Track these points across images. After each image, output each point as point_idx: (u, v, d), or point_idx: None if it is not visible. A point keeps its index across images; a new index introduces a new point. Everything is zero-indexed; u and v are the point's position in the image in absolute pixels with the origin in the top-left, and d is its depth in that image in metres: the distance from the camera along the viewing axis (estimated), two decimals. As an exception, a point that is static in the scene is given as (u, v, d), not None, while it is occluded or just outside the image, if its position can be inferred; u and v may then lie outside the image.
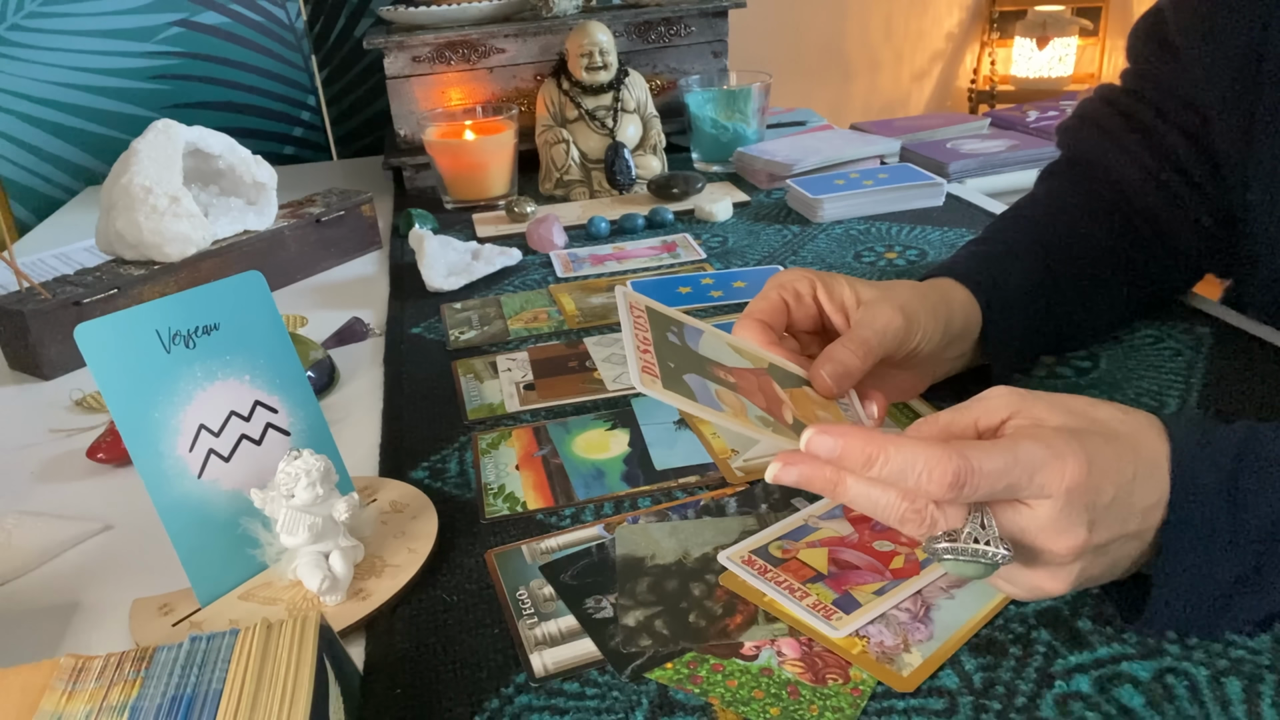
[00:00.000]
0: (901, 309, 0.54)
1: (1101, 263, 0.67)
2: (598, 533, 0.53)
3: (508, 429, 0.65)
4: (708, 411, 0.45)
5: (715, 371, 0.49)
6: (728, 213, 1.05)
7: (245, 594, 0.50)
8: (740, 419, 0.46)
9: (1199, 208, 0.69)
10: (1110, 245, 0.68)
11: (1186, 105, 0.69)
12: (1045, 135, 1.31)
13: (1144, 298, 0.71)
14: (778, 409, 0.48)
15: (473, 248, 0.96)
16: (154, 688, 0.38)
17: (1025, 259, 0.64)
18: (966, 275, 0.61)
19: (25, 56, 1.40)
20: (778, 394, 0.50)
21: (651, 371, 0.45)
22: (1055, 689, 0.41)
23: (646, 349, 0.47)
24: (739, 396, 0.48)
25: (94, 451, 0.65)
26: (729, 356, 0.51)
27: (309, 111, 1.53)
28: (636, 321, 0.49)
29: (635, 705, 0.42)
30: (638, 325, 0.49)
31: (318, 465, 0.49)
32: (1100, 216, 0.69)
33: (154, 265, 0.86)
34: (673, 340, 0.49)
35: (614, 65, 1.13)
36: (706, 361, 0.49)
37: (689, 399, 0.45)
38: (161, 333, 0.49)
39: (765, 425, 0.46)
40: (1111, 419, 0.41)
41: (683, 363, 0.48)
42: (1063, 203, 0.71)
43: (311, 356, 0.73)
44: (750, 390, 0.49)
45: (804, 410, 0.50)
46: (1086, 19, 2.72)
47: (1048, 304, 0.64)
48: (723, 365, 0.50)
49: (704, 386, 0.47)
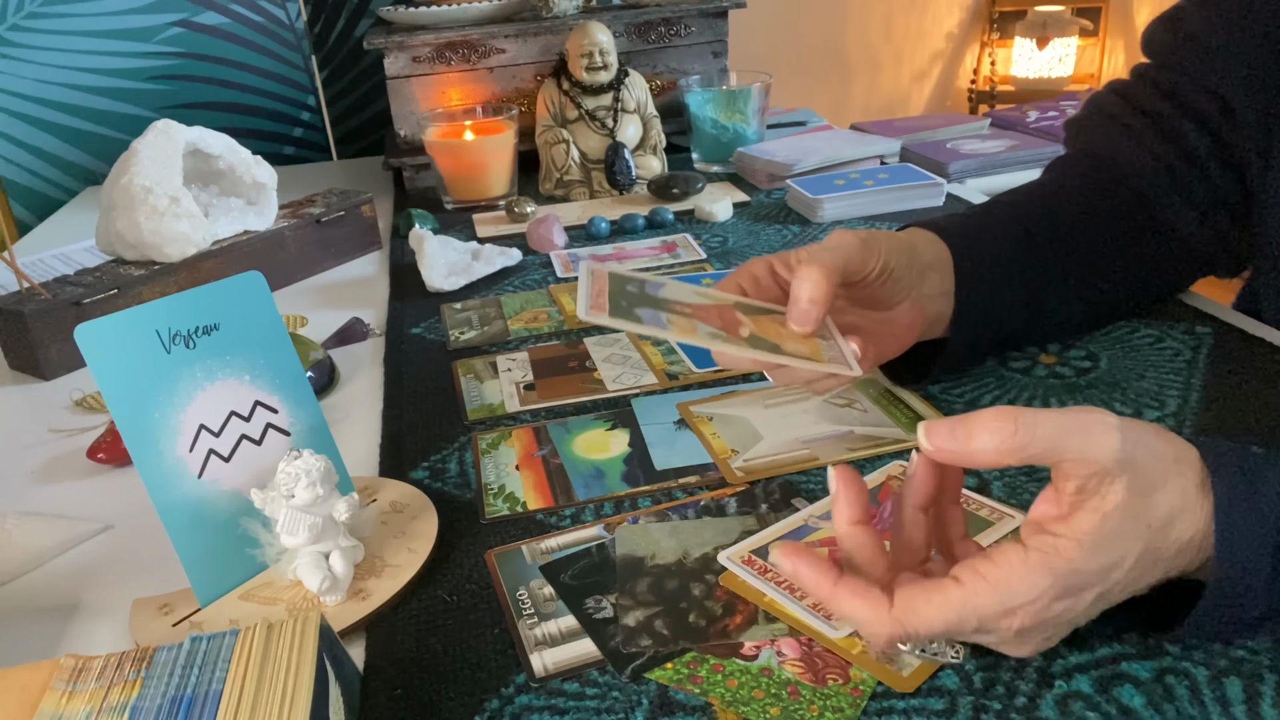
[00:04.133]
0: (853, 231, 0.55)
1: (1088, 243, 0.66)
2: (598, 533, 0.53)
3: (508, 429, 0.65)
4: (652, 330, 0.47)
5: (673, 306, 0.50)
6: (728, 213, 1.05)
7: (245, 594, 0.50)
8: (686, 334, 0.48)
9: (1208, 197, 0.69)
10: (1102, 229, 0.67)
11: (1207, 93, 0.68)
12: (1045, 135, 1.31)
13: (1138, 287, 0.70)
14: (734, 328, 0.50)
15: (473, 248, 0.96)
16: (154, 688, 0.38)
17: (997, 220, 0.65)
18: (931, 222, 0.62)
19: (25, 56, 1.40)
20: (737, 318, 0.51)
21: (600, 306, 0.47)
22: (1055, 689, 0.41)
23: (600, 294, 0.49)
24: (693, 321, 0.49)
25: (94, 451, 0.65)
26: (689, 296, 0.53)
27: (309, 111, 1.53)
28: (595, 278, 0.51)
29: (635, 705, 0.42)
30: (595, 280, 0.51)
31: (318, 465, 0.49)
32: (1094, 199, 0.68)
33: (154, 265, 0.86)
34: (630, 290, 0.51)
35: (614, 65, 1.13)
36: (665, 301, 0.51)
37: (635, 323, 0.47)
38: (161, 333, 0.49)
39: (714, 339, 0.48)
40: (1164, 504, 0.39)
41: (637, 302, 0.50)
42: (1055, 185, 0.70)
43: (311, 356, 0.73)
44: (708, 317, 0.50)
45: (768, 331, 0.51)
46: (1086, 19, 2.72)
47: (1020, 259, 0.63)
48: (682, 303, 0.51)
49: (655, 316, 0.49)
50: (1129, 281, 0.69)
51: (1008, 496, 0.53)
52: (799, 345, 0.51)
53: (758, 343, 0.50)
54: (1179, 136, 0.69)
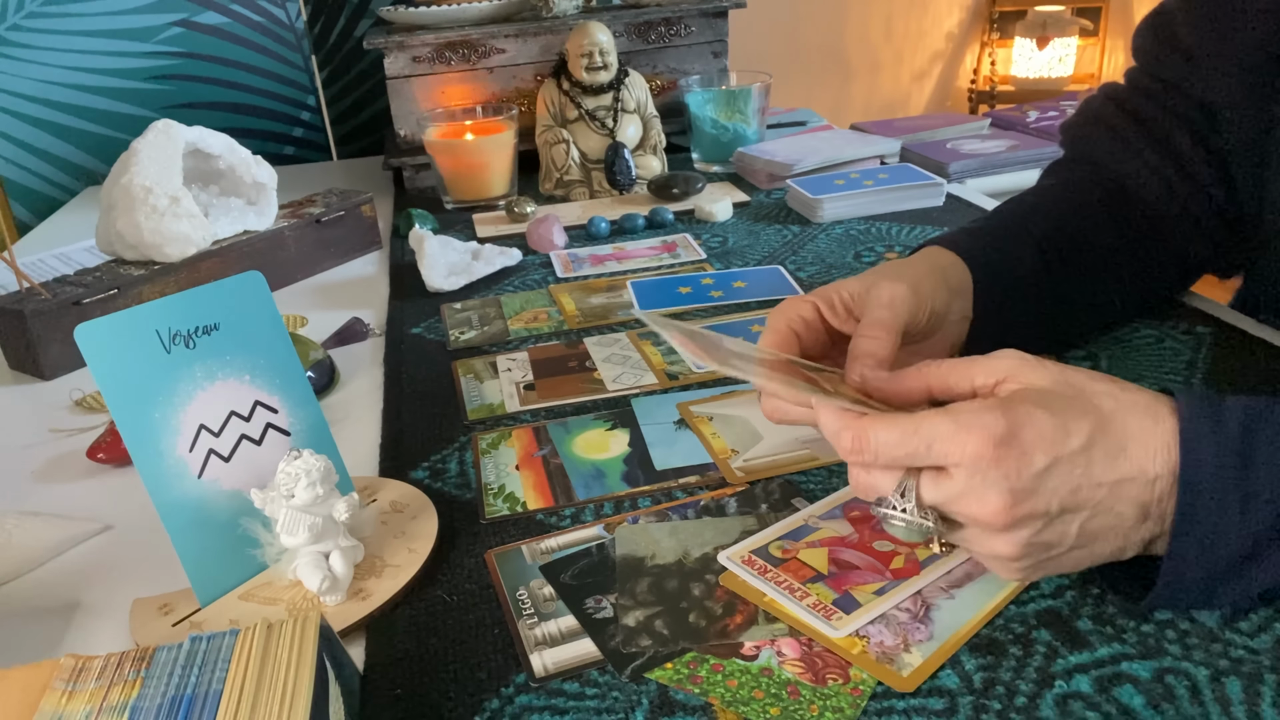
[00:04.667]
0: (901, 278, 0.53)
1: (1095, 256, 0.67)
2: (598, 533, 0.53)
3: (508, 429, 0.65)
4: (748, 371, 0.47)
5: (754, 357, 0.50)
6: (728, 213, 1.05)
7: (245, 594, 0.50)
8: (791, 388, 0.46)
9: (1202, 206, 0.69)
10: (1107, 241, 0.67)
11: (1196, 103, 0.68)
12: (1045, 135, 1.31)
13: (1139, 295, 0.71)
14: (817, 384, 0.48)
15: (473, 248, 0.96)
16: (154, 688, 0.38)
17: (1013, 238, 0.65)
18: (949, 240, 0.62)
19: (25, 56, 1.40)
20: (810, 375, 0.49)
21: (697, 350, 0.47)
22: (1055, 689, 0.41)
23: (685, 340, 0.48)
24: (779, 375, 0.48)
25: (94, 451, 0.65)
26: (755, 353, 0.51)
27: (309, 111, 1.53)
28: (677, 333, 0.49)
29: (635, 705, 0.42)
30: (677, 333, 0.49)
31: (318, 465, 0.49)
32: (1098, 211, 0.68)
33: (154, 265, 0.86)
34: (708, 333, 0.51)
35: (614, 65, 1.13)
36: (741, 353, 0.50)
37: (738, 356, 0.48)
38: (161, 333, 0.49)
39: (811, 391, 0.46)
40: (1101, 393, 0.42)
41: (720, 351, 0.49)
42: (1059, 195, 0.70)
43: (311, 356, 0.73)
44: (787, 371, 0.49)
45: (835, 388, 0.48)
46: (1086, 19, 2.72)
47: (1035, 278, 0.63)
48: (757, 358, 0.50)
49: (745, 364, 0.47)
50: (1133, 290, 0.70)
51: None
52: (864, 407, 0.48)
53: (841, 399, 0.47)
54: (1171, 144, 0.69)
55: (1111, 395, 0.42)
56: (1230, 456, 0.40)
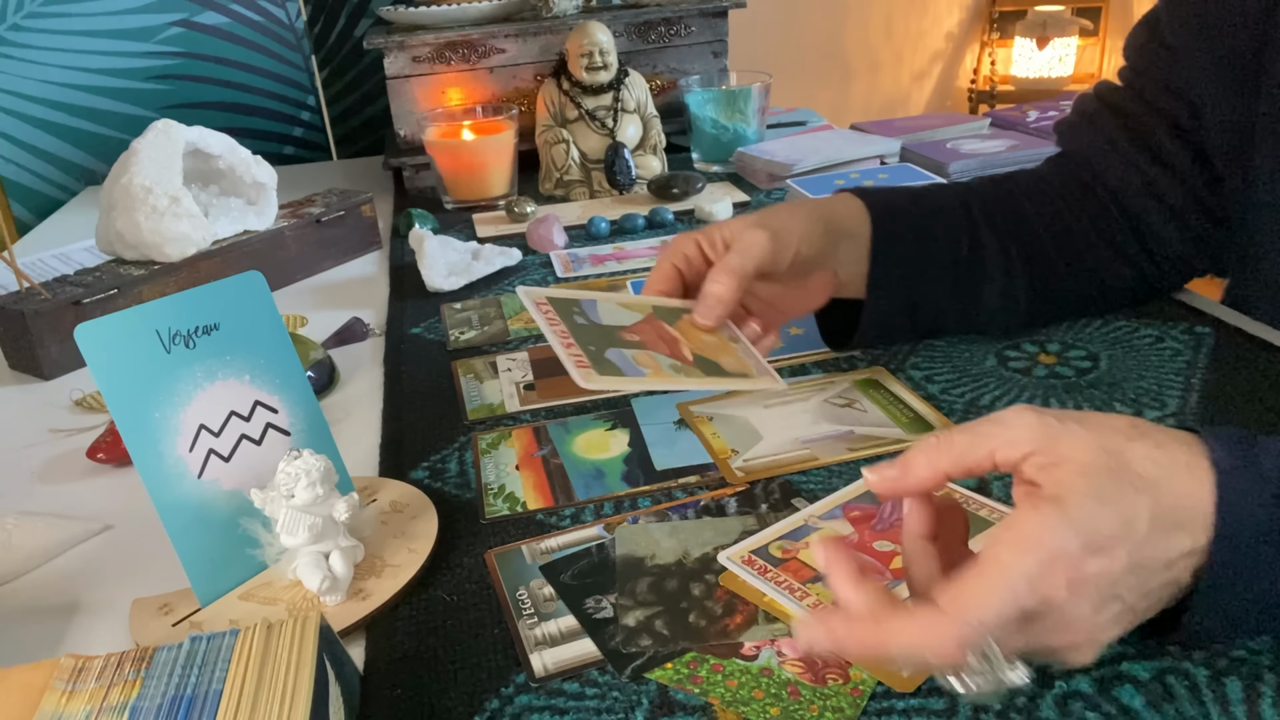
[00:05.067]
0: (765, 227, 0.60)
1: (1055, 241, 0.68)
2: (598, 533, 0.53)
3: (508, 429, 0.65)
4: (637, 383, 0.54)
5: (622, 336, 0.57)
6: (728, 213, 1.05)
7: (245, 594, 0.50)
8: (659, 376, 0.55)
9: (1184, 203, 0.69)
10: (1074, 229, 0.69)
11: (1175, 96, 0.69)
12: (1045, 135, 1.31)
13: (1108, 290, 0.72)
14: (678, 350, 0.57)
15: (473, 248, 0.96)
16: (154, 688, 0.38)
17: (940, 197, 0.67)
18: (864, 190, 0.66)
19: (25, 56, 1.39)
20: (672, 335, 0.59)
21: (583, 364, 0.53)
22: (1055, 689, 0.41)
23: (569, 342, 0.55)
24: (650, 354, 0.56)
25: (94, 451, 0.65)
26: (624, 316, 0.59)
27: (309, 111, 1.53)
28: (548, 317, 0.56)
29: (635, 705, 0.42)
30: (550, 321, 0.56)
31: (318, 465, 0.49)
32: (1070, 200, 0.70)
33: (154, 265, 0.86)
34: (580, 321, 0.57)
35: (614, 65, 1.13)
36: (612, 330, 0.58)
37: (621, 377, 0.53)
38: (161, 333, 0.49)
39: (678, 373, 0.56)
40: (1140, 456, 0.38)
41: (598, 340, 0.56)
42: (1032, 176, 0.72)
43: (311, 356, 0.73)
44: (653, 341, 0.58)
45: (694, 341, 0.59)
46: (1086, 19, 2.72)
47: (953, 244, 0.65)
48: (624, 327, 0.58)
49: (622, 357, 0.55)
50: (1094, 281, 0.70)
51: (1007, 497, 0.53)
52: (730, 360, 0.59)
53: (707, 367, 0.57)
54: (1153, 140, 0.70)
55: (1150, 458, 0.38)
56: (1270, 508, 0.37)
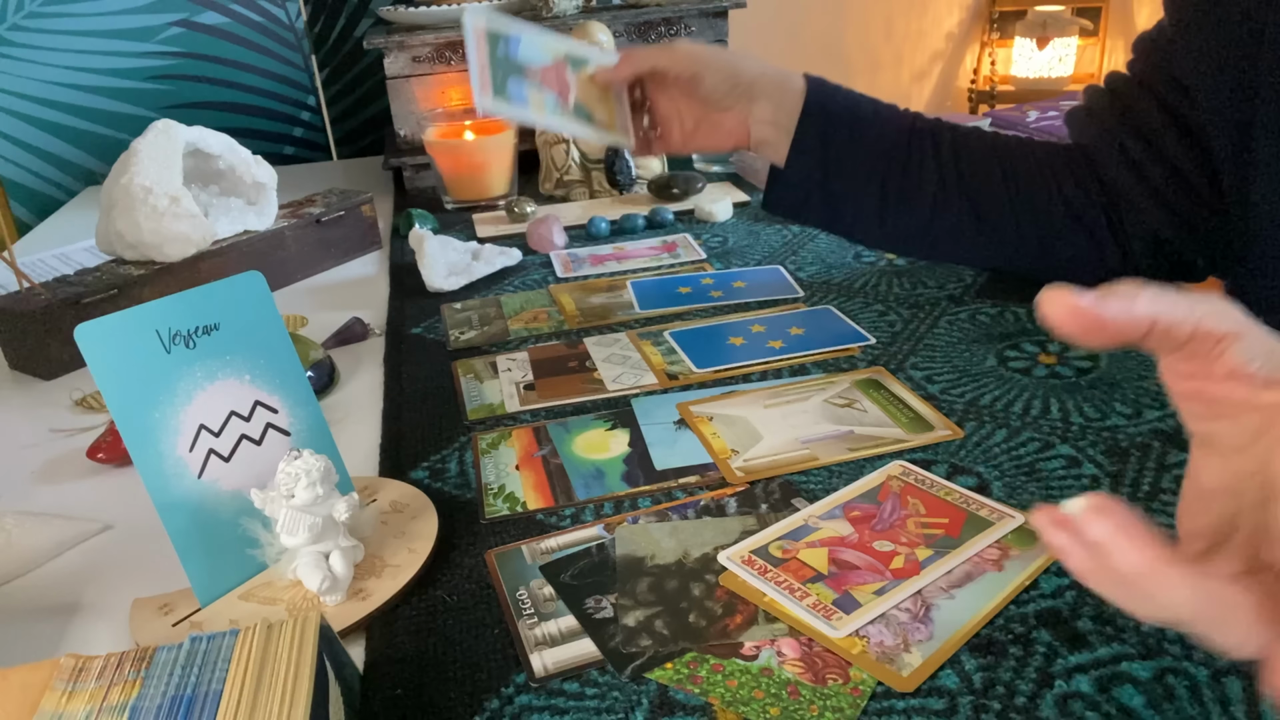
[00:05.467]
0: (700, 52, 0.72)
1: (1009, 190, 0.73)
2: (598, 533, 0.53)
3: (508, 429, 0.65)
4: (520, 112, 0.71)
5: (527, 73, 0.71)
6: (728, 213, 1.05)
7: (245, 594, 0.50)
8: (539, 111, 0.72)
9: (1171, 187, 0.69)
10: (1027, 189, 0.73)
11: (1172, 84, 0.69)
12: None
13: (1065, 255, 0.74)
14: (565, 96, 0.72)
15: (473, 248, 0.96)
16: (154, 688, 0.38)
17: (892, 111, 0.75)
18: (823, 81, 0.74)
19: (25, 56, 1.40)
20: (567, 81, 0.72)
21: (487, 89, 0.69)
22: (1055, 689, 0.41)
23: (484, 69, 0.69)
24: (542, 93, 0.71)
25: (94, 451, 0.65)
26: (539, 56, 0.72)
27: (309, 111, 1.53)
28: (478, 45, 0.70)
29: (635, 705, 0.42)
30: (479, 49, 0.70)
31: (318, 465, 0.49)
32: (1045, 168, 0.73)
33: (154, 265, 0.86)
34: (500, 54, 0.71)
35: (614, 65, 1.13)
36: (521, 67, 0.72)
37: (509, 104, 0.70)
38: (161, 333, 0.49)
39: (552, 113, 0.72)
40: None
41: (506, 72, 0.71)
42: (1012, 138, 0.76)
43: (311, 356, 0.73)
44: (550, 82, 0.72)
45: (585, 93, 0.74)
46: (1086, 19, 2.72)
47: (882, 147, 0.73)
48: (533, 67, 0.72)
49: (519, 90, 0.70)
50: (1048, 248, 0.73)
51: (1007, 496, 0.53)
52: (603, 115, 0.74)
53: (580, 114, 0.72)
54: (1150, 130, 0.69)
55: None
56: None
